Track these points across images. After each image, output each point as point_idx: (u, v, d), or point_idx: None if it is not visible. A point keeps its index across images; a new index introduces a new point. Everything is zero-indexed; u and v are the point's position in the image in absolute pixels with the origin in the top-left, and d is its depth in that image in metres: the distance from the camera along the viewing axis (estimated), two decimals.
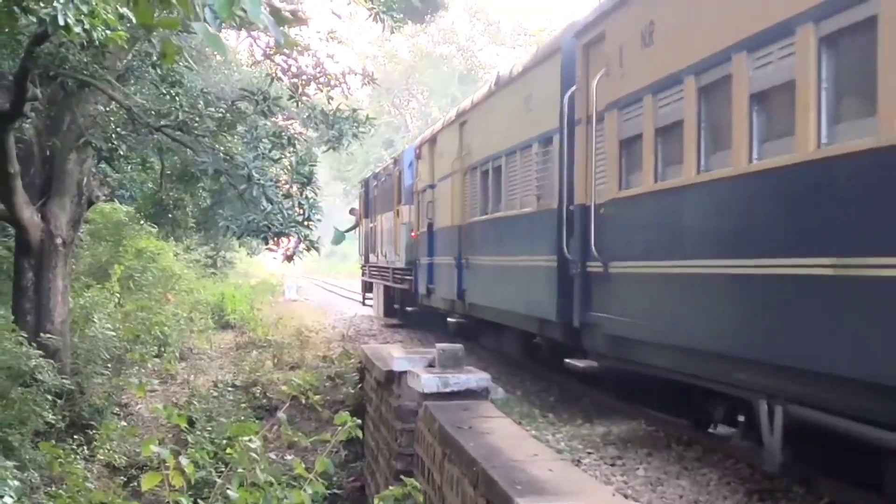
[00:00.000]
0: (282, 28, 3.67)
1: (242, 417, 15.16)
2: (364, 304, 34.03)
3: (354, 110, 16.50)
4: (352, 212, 40.02)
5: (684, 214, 9.49)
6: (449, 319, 20.80)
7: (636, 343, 10.45)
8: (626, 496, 7.66)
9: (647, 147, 10.12)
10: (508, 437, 8.64)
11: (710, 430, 10.27)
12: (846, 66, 7.11)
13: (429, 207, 22.43)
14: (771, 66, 7.82)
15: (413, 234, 24.15)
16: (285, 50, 14.97)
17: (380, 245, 30.35)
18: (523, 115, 14.96)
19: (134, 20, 7.90)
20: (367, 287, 33.48)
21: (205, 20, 3.28)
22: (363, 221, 34.37)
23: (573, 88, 12.49)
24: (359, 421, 7.40)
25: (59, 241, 16.75)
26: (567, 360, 12.26)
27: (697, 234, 9.18)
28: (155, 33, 11.25)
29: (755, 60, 8.01)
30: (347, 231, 27.48)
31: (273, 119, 16.46)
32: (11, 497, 6.71)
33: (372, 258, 32.03)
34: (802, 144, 7.31)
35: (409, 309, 25.95)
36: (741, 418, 8.87)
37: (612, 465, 9.53)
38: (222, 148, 15.38)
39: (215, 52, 24.42)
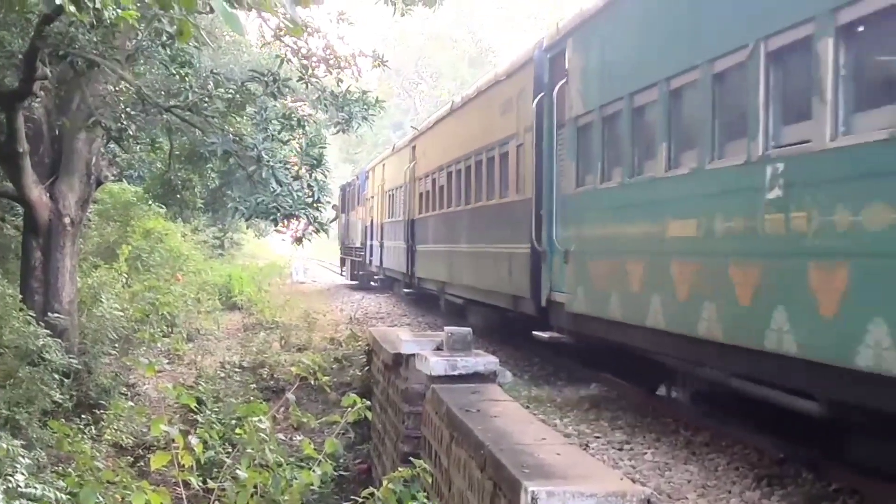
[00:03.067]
0: (297, 7, 3.64)
1: (251, 398, 15.17)
2: (341, 274, 48.39)
3: (364, 92, 16.45)
4: (334, 207, 48.31)
5: (430, 226, 24.10)
6: (376, 277, 36.77)
7: (424, 280, 25.34)
8: (633, 480, 7.66)
9: (426, 198, 24.75)
10: (516, 420, 8.62)
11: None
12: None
13: (370, 210, 36.89)
14: (459, 171, 20.82)
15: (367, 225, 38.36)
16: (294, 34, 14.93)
17: (349, 232, 45.26)
18: (399, 170, 29.77)
19: None
20: (343, 262, 48.51)
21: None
22: (341, 216, 47.39)
23: (408, 165, 27.44)
24: (368, 402, 7.40)
25: (67, 220, 16.76)
26: (404, 290, 29.47)
27: (433, 234, 23.55)
28: (168, 13, 11.22)
29: (451, 169, 21.50)
30: (331, 222, 34.38)
31: (282, 101, 16.42)
32: (23, 474, 6.72)
33: (346, 241, 46.67)
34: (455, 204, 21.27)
35: (360, 273, 40.42)
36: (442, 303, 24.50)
37: (620, 449, 9.54)
38: (231, 129, 15.35)
39: (224, 33, 24.37)
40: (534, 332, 13.89)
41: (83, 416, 15.00)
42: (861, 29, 7.07)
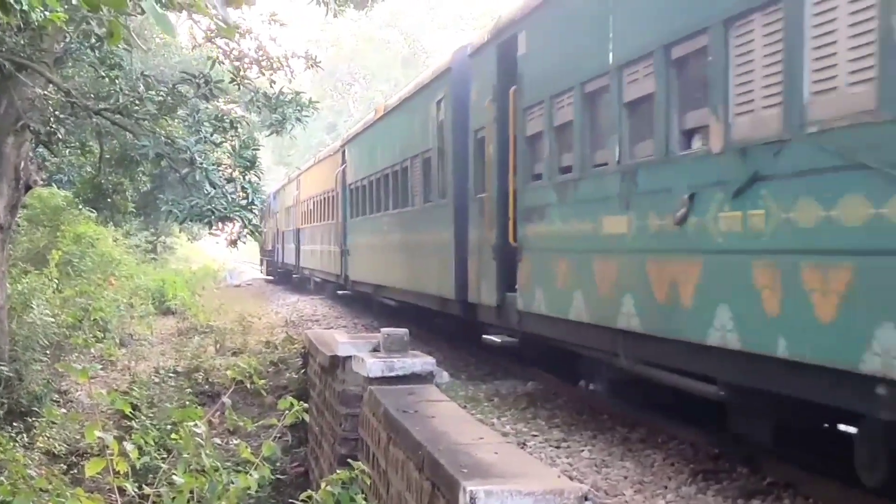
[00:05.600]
0: (229, 8, 3.61)
1: (187, 403, 15.03)
2: (261, 271, 59.50)
3: (297, 94, 16.38)
4: None
5: (307, 234, 37.41)
6: (279, 270, 49.60)
7: (304, 268, 38.48)
8: (571, 478, 7.70)
9: (305, 215, 37.89)
10: (454, 420, 8.63)
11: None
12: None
13: (278, 222, 49.58)
14: (317, 201, 34.66)
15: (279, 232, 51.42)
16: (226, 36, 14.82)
17: (265, 239, 53.48)
18: (292, 195, 42.63)
19: (73, 1, 7.75)
20: (262, 262, 59.99)
21: (153, 0, 3.22)
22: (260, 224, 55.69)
23: (297, 192, 41.19)
24: (305, 405, 7.36)
25: None
26: (294, 276, 42.81)
27: (307, 239, 37.12)
28: (97, 14, 11.10)
29: (314, 199, 35.55)
30: None
31: (215, 102, 16.29)
32: None
33: (264, 246, 56.46)
34: (316, 221, 35.62)
35: (272, 269, 53.43)
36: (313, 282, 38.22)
37: (558, 447, 9.59)
38: (163, 132, 15.20)
39: (155, 35, 24.12)
40: (338, 291, 29.36)
41: (14, 423, 14.77)
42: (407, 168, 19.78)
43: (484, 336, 13.79)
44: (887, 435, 6.96)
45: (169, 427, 11.46)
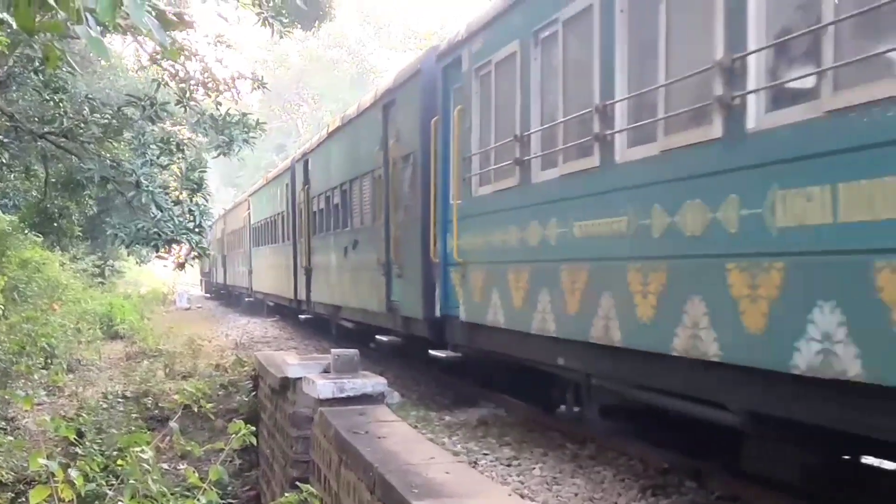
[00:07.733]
0: (167, 32, 3.59)
1: (133, 428, 14.84)
2: (201, 289, 68.65)
3: (244, 115, 16.35)
4: None
5: (231, 258, 48.17)
6: (213, 288, 61.77)
7: (230, 285, 49.49)
8: (522, 496, 7.70)
9: (229, 244, 49.80)
10: (405, 440, 8.61)
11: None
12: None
13: (217, 246, 53.52)
14: (238, 232, 44.86)
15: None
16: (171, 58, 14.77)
17: (204, 262, 61.14)
18: (220, 228, 53.66)
19: (14, 25, 7.69)
20: (202, 282, 70.68)
21: (87, 24, 3.20)
22: None
23: (223, 226, 52.68)
24: (253, 428, 7.32)
25: None
26: (221, 290, 57.47)
27: (231, 262, 48.93)
28: (37, 38, 11.01)
29: (235, 233, 46.39)
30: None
31: (161, 125, 16.22)
32: None
33: (203, 269, 65.72)
34: (237, 249, 46.31)
35: (209, 287, 65.21)
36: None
37: (509, 465, 9.58)
38: (109, 155, 15.12)
39: (100, 57, 23.95)
40: (246, 299, 41.58)
41: None
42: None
43: (299, 315, 26.84)
44: None
45: (116, 453, 11.33)
